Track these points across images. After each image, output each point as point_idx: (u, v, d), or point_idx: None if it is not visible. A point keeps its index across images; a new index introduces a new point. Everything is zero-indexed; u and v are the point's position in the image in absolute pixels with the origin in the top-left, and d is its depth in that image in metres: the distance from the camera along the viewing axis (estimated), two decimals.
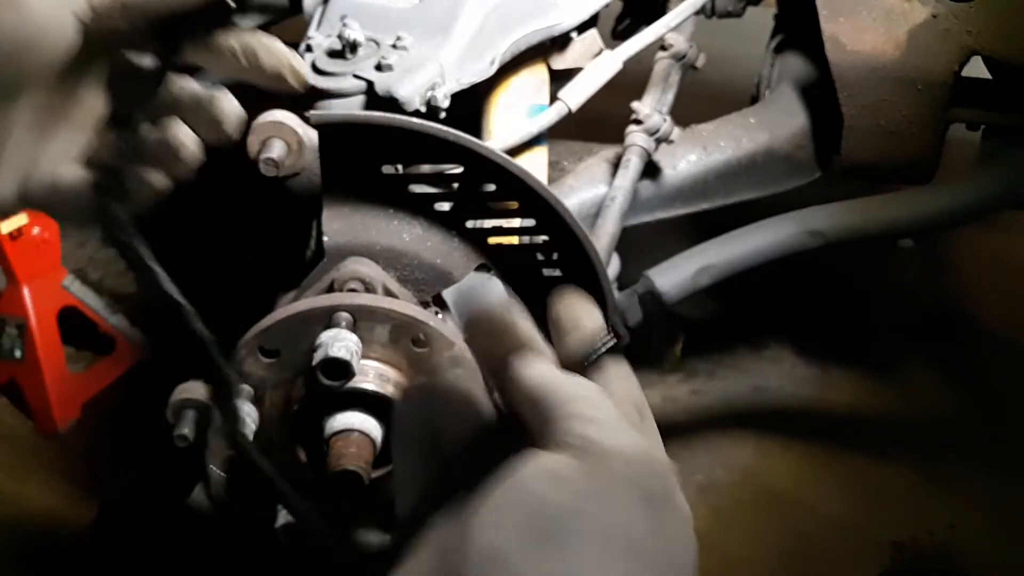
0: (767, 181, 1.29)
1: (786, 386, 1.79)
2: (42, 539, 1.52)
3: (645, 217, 1.24)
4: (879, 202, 1.34)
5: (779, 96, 1.34)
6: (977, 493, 1.57)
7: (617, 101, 1.15)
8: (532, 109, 1.10)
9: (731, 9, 1.36)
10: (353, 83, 0.92)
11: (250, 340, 0.78)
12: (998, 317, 1.91)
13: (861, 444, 1.67)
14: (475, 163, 0.83)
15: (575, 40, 1.12)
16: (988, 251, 2.04)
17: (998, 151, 1.34)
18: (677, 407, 1.75)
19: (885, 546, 1.52)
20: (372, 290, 0.82)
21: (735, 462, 1.64)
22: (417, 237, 0.87)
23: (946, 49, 1.21)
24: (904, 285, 2.03)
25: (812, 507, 1.57)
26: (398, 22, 1.00)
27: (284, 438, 0.81)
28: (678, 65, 1.19)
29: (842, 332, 1.91)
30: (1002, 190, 1.33)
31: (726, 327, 1.92)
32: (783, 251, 1.29)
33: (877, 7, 1.22)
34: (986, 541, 1.51)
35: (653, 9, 1.37)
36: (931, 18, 1.21)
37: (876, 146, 1.27)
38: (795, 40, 1.39)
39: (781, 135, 1.29)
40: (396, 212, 0.87)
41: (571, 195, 1.16)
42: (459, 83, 0.97)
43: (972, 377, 1.81)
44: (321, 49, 0.96)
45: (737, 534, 1.53)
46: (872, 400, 1.76)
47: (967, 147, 1.39)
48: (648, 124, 1.13)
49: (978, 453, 1.63)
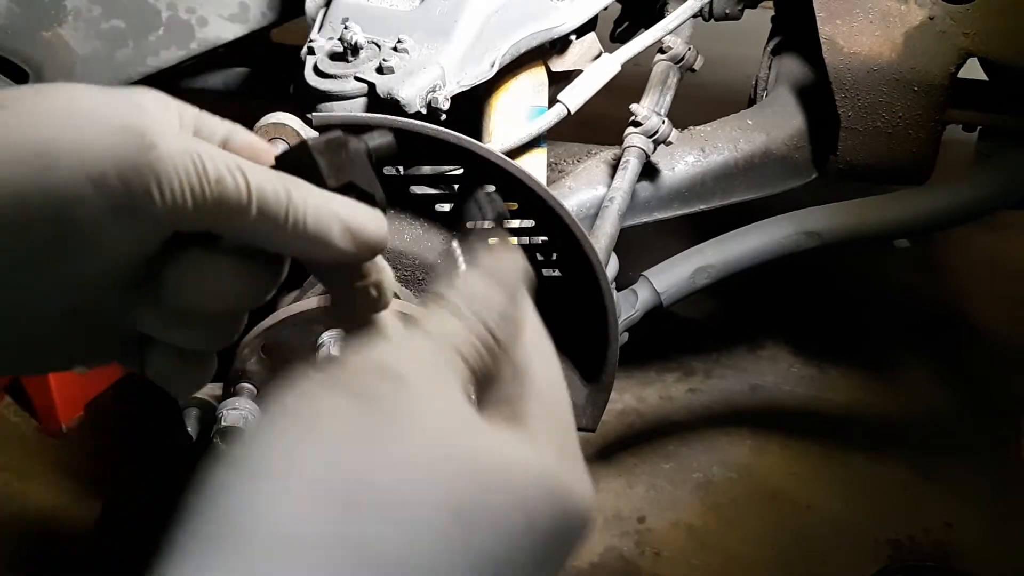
0: (764, 182, 1.30)
1: (783, 385, 1.80)
2: (45, 537, 1.53)
3: (643, 218, 1.25)
4: (875, 203, 1.35)
5: (776, 98, 1.35)
6: (974, 491, 1.58)
7: (616, 103, 1.16)
8: (531, 111, 1.11)
9: (729, 12, 1.36)
10: (355, 85, 0.93)
11: (253, 340, 0.79)
12: (993, 316, 1.92)
13: (858, 442, 1.68)
14: (475, 164, 0.84)
15: (574, 43, 1.13)
16: (984, 251, 2.05)
17: (994, 152, 1.35)
18: (675, 406, 1.76)
19: (882, 544, 1.52)
20: None
21: (732, 460, 1.65)
22: (417, 237, 0.89)
23: (942, 51, 1.22)
24: (900, 285, 2.04)
25: (809, 505, 1.58)
26: (399, 25, 1.01)
27: None
28: (676, 67, 1.20)
29: (839, 332, 1.91)
30: (997, 190, 1.34)
31: (723, 327, 1.92)
32: (780, 252, 1.30)
33: (873, 9, 1.23)
34: (983, 539, 1.52)
35: (651, 12, 1.38)
36: (927, 20, 1.22)
37: (872, 147, 1.28)
38: (792, 42, 1.40)
39: (778, 137, 1.30)
40: (397, 213, 0.88)
41: (570, 196, 1.17)
42: (459, 85, 0.98)
43: (969, 376, 1.82)
44: (323, 51, 0.97)
45: (734, 532, 1.54)
46: (869, 399, 1.77)
47: (963, 148, 1.40)
48: (646, 126, 1.14)
49: (975, 451, 1.63)
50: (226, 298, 0.47)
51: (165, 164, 0.42)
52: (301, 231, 0.45)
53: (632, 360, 1.68)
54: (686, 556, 1.51)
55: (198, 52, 1.30)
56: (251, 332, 0.79)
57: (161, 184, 0.41)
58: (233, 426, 0.74)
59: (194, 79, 1.48)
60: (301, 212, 0.45)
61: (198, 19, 1.28)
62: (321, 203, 0.45)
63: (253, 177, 0.44)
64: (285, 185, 0.45)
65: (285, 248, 0.47)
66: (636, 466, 1.64)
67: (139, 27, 1.27)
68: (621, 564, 1.49)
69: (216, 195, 0.43)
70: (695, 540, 1.53)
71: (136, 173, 0.41)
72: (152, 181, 0.41)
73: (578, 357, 0.99)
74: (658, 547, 1.52)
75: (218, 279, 0.46)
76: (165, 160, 0.42)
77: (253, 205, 0.44)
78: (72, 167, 0.40)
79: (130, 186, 0.41)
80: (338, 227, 0.46)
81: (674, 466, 1.64)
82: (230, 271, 0.46)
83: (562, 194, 1.17)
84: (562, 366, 0.47)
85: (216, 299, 0.47)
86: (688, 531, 1.54)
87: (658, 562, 1.50)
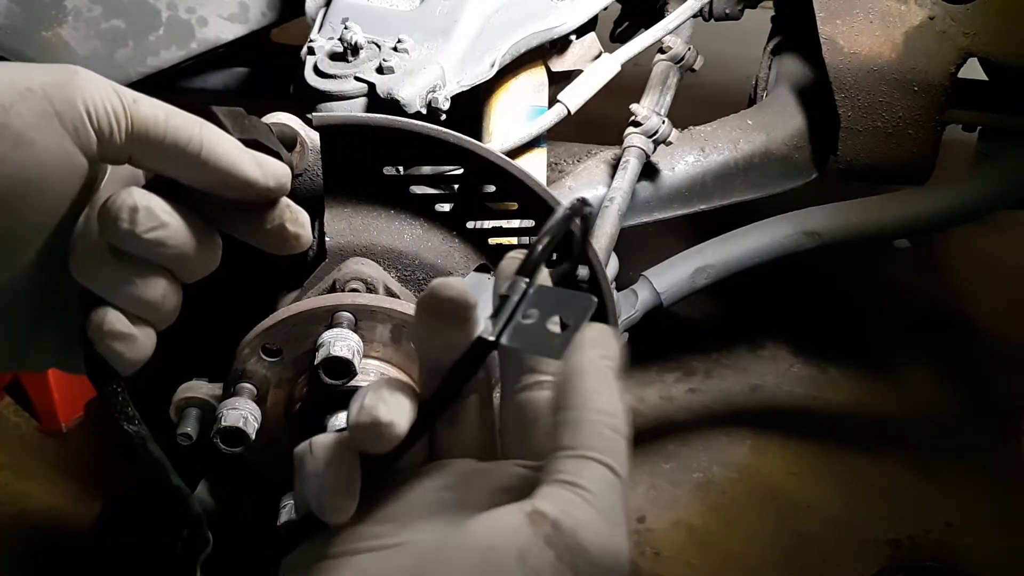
0: (764, 182, 1.30)
1: (783, 385, 1.80)
2: (45, 537, 1.53)
3: (643, 218, 1.25)
4: (875, 203, 1.35)
5: (776, 98, 1.35)
6: (974, 491, 1.58)
7: (616, 103, 1.16)
8: (531, 111, 1.11)
9: (729, 12, 1.36)
10: (354, 85, 0.93)
11: (252, 340, 0.78)
12: (994, 316, 1.92)
13: (858, 442, 1.68)
14: (475, 164, 0.84)
15: (574, 43, 1.13)
16: (984, 251, 2.05)
17: (994, 152, 1.35)
18: (675, 406, 1.76)
19: (882, 544, 1.53)
20: (373, 290, 0.83)
21: (732, 460, 1.65)
22: (418, 237, 0.88)
23: (943, 51, 1.22)
24: (900, 285, 2.04)
25: (809, 505, 1.58)
26: (399, 25, 1.01)
27: (286, 437, 0.81)
28: (676, 67, 1.20)
29: (839, 332, 1.91)
30: (998, 190, 1.34)
31: (723, 327, 1.92)
32: (780, 252, 1.30)
33: (874, 9, 1.23)
34: (983, 539, 1.52)
35: (651, 12, 1.38)
36: (928, 20, 1.22)
37: (873, 147, 1.28)
38: (792, 42, 1.40)
39: (778, 137, 1.30)
40: (397, 213, 0.88)
41: (570, 196, 1.17)
42: (459, 85, 0.98)
43: (969, 376, 1.82)
44: (323, 51, 0.97)
45: (734, 532, 1.54)
46: (869, 399, 1.77)
47: (963, 148, 1.40)
48: (646, 126, 1.14)
49: (975, 451, 1.64)
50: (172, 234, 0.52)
51: (86, 83, 0.49)
52: (214, 161, 0.51)
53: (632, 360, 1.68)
54: (686, 556, 1.51)
55: (198, 52, 1.30)
56: (251, 332, 0.79)
57: (84, 97, 0.49)
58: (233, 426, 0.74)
59: (194, 79, 1.48)
60: (213, 143, 0.51)
61: (198, 19, 1.29)
62: (231, 141, 0.52)
63: (168, 108, 0.51)
64: (199, 121, 0.52)
65: (199, 179, 0.52)
66: (636, 466, 1.63)
67: (139, 27, 1.27)
68: None
69: (134, 113, 0.50)
70: (695, 540, 1.53)
71: (58, 88, 0.48)
72: (76, 94, 0.48)
73: None
74: (658, 547, 1.52)
75: (157, 204, 0.51)
76: (86, 81, 0.49)
77: (168, 130, 0.50)
78: (1, 84, 0.48)
79: (51, 98, 0.48)
80: (248, 160, 0.53)
81: (674, 466, 1.64)
82: (162, 203, 0.52)
83: (562, 194, 1.17)
84: None
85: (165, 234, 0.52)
86: (688, 531, 1.54)
87: (658, 562, 1.50)
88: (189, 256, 0.54)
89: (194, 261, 0.55)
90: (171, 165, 0.52)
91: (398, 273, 0.87)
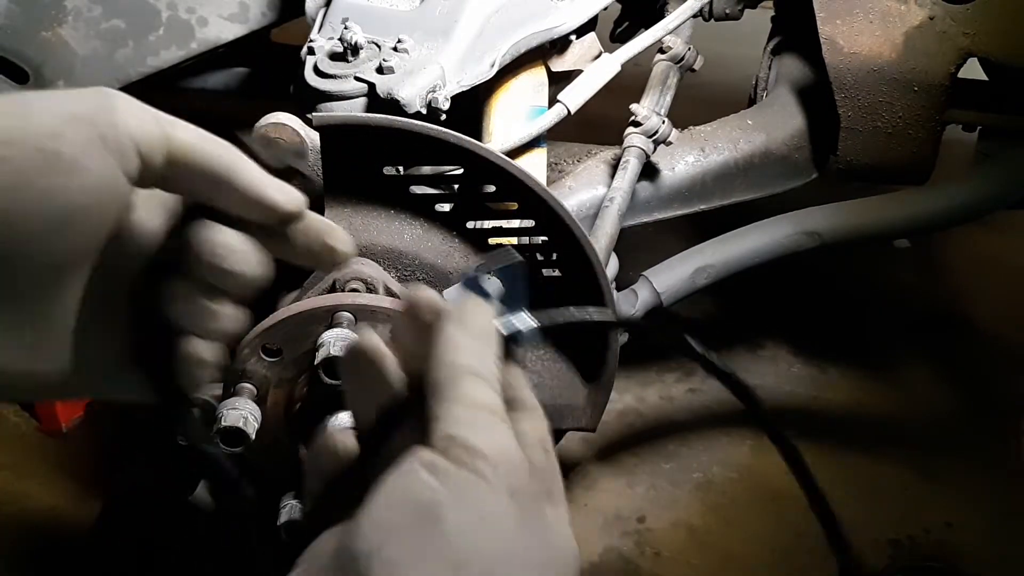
0: (764, 182, 1.30)
1: (783, 385, 1.80)
2: (45, 537, 1.53)
3: (643, 218, 1.25)
4: (875, 203, 1.35)
5: (776, 98, 1.35)
6: (974, 491, 1.58)
7: (616, 103, 1.16)
8: (531, 111, 1.11)
9: (729, 12, 1.36)
10: (355, 85, 0.93)
11: (253, 339, 0.79)
12: (994, 316, 1.92)
13: (858, 443, 1.67)
14: (475, 164, 0.84)
15: (574, 43, 1.13)
16: (984, 251, 2.05)
17: (994, 152, 1.35)
18: (675, 406, 1.76)
19: (882, 544, 1.52)
20: (373, 290, 0.83)
21: (732, 460, 1.65)
22: (418, 237, 0.89)
23: (943, 51, 1.22)
24: (900, 285, 2.04)
25: (809, 505, 1.58)
26: (399, 25, 1.01)
27: (287, 436, 0.82)
28: (676, 67, 1.20)
29: (839, 332, 1.91)
30: (998, 190, 1.35)
31: (723, 327, 1.92)
32: (780, 252, 1.30)
33: (874, 9, 1.23)
34: (983, 539, 1.52)
35: (651, 12, 1.38)
36: (928, 20, 1.22)
37: (873, 147, 1.28)
38: (792, 42, 1.40)
39: (778, 137, 1.30)
40: (397, 213, 0.88)
41: (570, 196, 1.17)
42: (459, 85, 0.98)
43: (969, 376, 1.82)
44: (323, 51, 0.97)
45: (734, 531, 1.54)
46: (869, 399, 1.77)
47: (963, 148, 1.40)
48: (646, 126, 1.14)
49: (975, 451, 1.63)
50: (246, 261, 0.54)
51: (126, 107, 0.51)
52: (243, 185, 0.53)
53: (632, 360, 1.68)
54: (686, 556, 1.51)
55: (198, 52, 1.30)
56: (251, 332, 0.79)
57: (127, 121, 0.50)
58: (233, 426, 0.74)
59: (194, 79, 1.48)
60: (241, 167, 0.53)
61: (198, 19, 1.29)
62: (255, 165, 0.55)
63: (199, 131, 0.53)
64: (226, 144, 0.54)
65: (229, 203, 0.54)
66: (636, 466, 1.64)
67: (139, 27, 1.27)
68: (621, 564, 1.49)
69: (171, 137, 0.51)
70: (695, 540, 1.53)
71: (103, 112, 0.50)
72: (119, 119, 0.50)
73: (578, 357, 0.99)
74: (658, 547, 1.52)
75: (235, 239, 0.54)
76: (125, 105, 0.51)
77: (202, 154, 0.52)
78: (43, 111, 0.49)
79: (97, 123, 0.49)
80: (272, 183, 0.55)
81: (674, 466, 1.64)
82: (238, 236, 0.54)
83: (562, 194, 1.17)
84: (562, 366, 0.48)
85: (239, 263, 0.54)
86: (688, 531, 1.54)
87: (658, 562, 1.50)
88: (261, 284, 0.56)
89: (260, 285, 0.57)
90: (202, 188, 0.53)
91: (398, 273, 0.88)
